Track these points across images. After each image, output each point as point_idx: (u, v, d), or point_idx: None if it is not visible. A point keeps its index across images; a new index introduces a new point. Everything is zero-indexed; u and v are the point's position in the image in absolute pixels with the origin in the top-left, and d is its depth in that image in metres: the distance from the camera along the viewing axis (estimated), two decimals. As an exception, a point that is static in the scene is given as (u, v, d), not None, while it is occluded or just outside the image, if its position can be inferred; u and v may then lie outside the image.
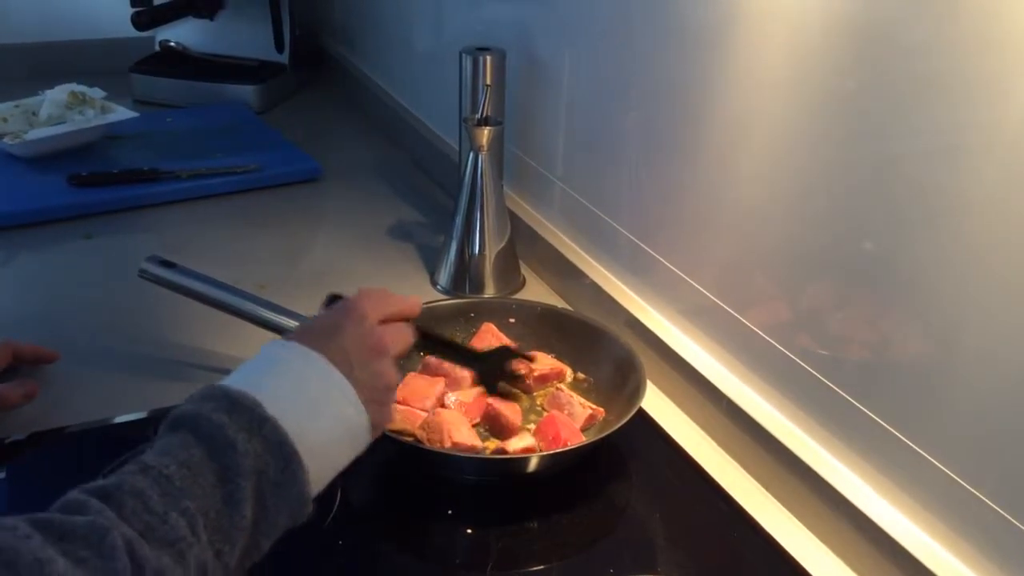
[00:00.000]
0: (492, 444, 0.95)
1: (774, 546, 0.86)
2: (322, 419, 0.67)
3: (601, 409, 0.99)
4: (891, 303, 0.79)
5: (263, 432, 0.62)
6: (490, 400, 0.98)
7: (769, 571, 0.85)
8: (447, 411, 0.96)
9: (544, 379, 1.03)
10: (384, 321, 0.77)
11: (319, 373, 0.69)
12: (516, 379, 0.96)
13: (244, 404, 0.63)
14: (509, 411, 0.97)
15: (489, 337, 1.06)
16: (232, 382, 0.66)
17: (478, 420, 0.98)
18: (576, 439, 0.93)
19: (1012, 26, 0.65)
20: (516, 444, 0.92)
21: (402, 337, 0.79)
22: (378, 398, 0.72)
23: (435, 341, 0.86)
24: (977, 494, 0.73)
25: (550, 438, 0.93)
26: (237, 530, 0.59)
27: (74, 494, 0.56)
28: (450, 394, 0.99)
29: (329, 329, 0.72)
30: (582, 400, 0.99)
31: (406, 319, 0.81)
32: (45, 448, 0.95)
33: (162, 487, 0.57)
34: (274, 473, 0.62)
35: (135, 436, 0.95)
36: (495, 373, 0.95)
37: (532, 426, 0.99)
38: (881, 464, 0.82)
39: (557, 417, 0.95)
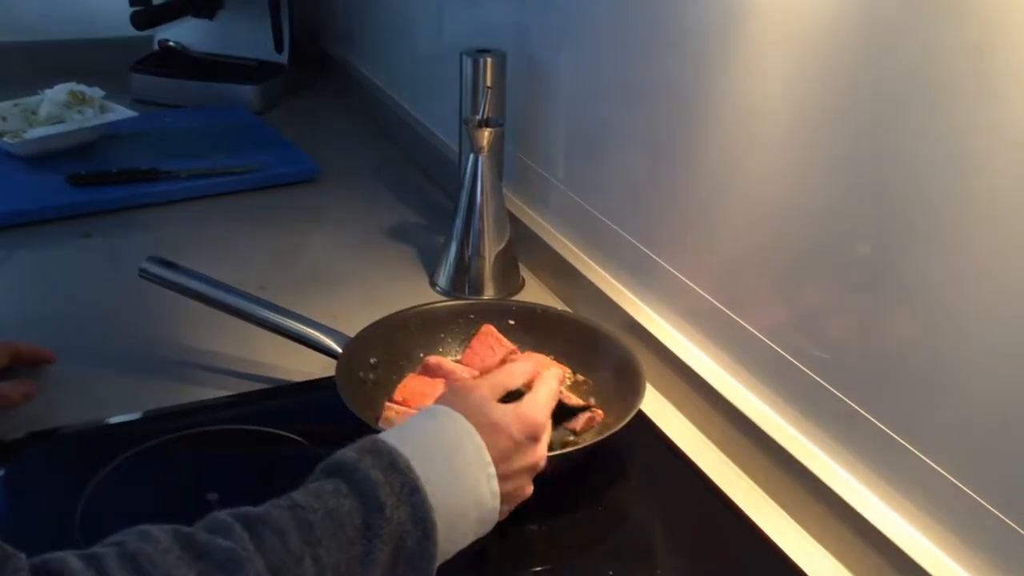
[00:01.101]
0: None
1: (773, 548, 0.86)
2: (464, 499, 0.68)
3: (600, 410, 0.99)
4: (890, 306, 0.79)
5: (412, 501, 0.63)
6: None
7: (767, 572, 0.85)
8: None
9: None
10: None
11: (475, 454, 0.70)
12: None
13: (399, 466, 0.64)
14: None
15: (488, 339, 1.06)
16: (393, 439, 0.67)
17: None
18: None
19: (1013, 29, 0.65)
20: None
21: (549, 438, 0.80)
22: (511, 506, 0.76)
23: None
24: (976, 497, 0.73)
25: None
26: None
27: (223, 515, 0.58)
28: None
29: (502, 430, 0.73)
30: (581, 401, 0.99)
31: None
32: (44, 448, 0.95)
33: (303, 531, 0.58)
34: (411, 544, 0.63)
35: (133, 436, 0.96)
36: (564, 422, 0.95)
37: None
38: (879, 467, 0.82)
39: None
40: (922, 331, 0.77)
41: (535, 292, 1.31)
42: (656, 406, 1.06)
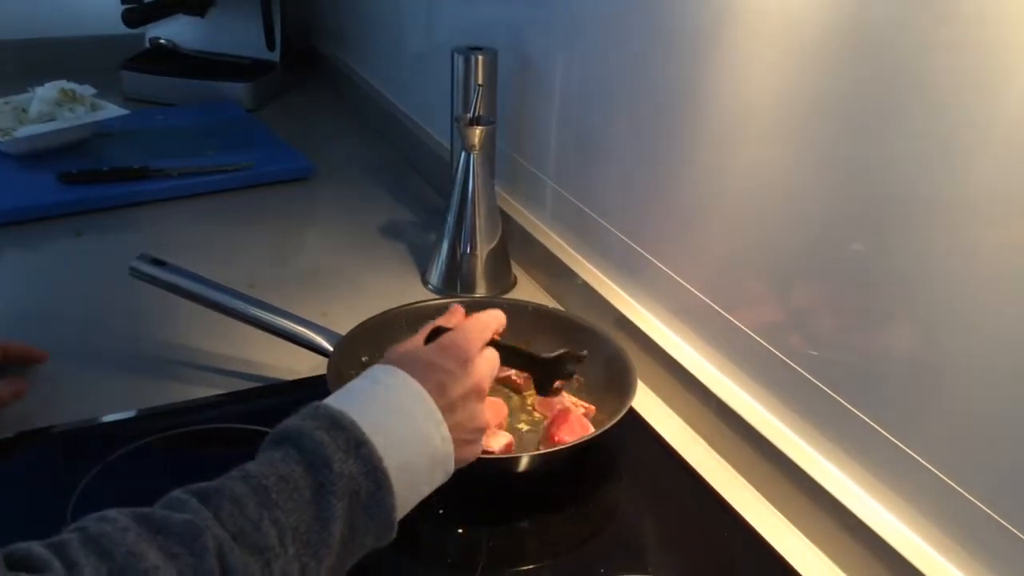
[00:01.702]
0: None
1: (764, 545, 0.86)
2: (413, 447, 0.69)
3: (592, 407, 0.99)
4: (881, 304, 0.80)
5: (359, 454, 0.64)
6: None
7: (759, 570, 0.85)
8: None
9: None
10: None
11: (417, 404, 0.71)
12: (569, 377, 0.96)
13: (343, 424, 0.65)
14: (492, 410, 0.96)
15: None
16: (334, 401, 0.69)
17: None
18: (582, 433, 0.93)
19: (1004, 27, 0.65)
20: (496, 443, 0.92)
21: (493, 364, 0.80)
22: (467, 437, 0.75)
23: (504, 350, 0.87)
24: (965, 494, 0.73)
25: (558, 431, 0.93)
26: (324, 547, 0.61)
27: (177, 492, 0.59)
28: None
29: (433, 367, 0.74)
30: (574, 399, 0.99)
31: (496, 339, 0.83)
32: (36, 446, 0.95)
33: (259, 496, 0.60)
34: (365, 495, 0.64)
35: (124, 435, 0.96)
36: (552, 376, 0.93)
37: (522, 425, 1.00)
38: (870, 464, 0.82)
39: (572, 413, 0.95)
40: (912, 328, 0.77)
41: (527, 290, 1.31)
42: (647, 403, 1.06)
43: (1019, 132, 0.65)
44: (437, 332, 0.81)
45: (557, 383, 0.93)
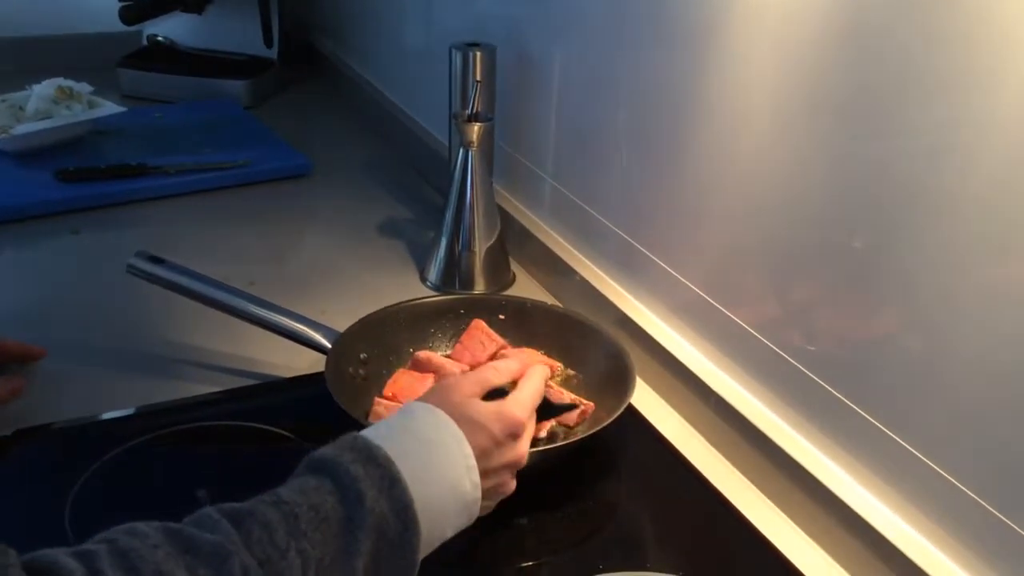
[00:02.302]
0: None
1: (762, 541, 0.86)
2: (444, 491, 0.69)
3: (591, 403, 0.99)
4: (879, 300, 0.80)
5: (392, 494, 0.64)
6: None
7: (757, 566, 0.85)
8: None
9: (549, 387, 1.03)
10: None
11: (455, 446, 0.71)
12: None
13: (379, 460, 0.65)
14: None
15: (479, 334, 1.06)
16: (373, 434, 0.69)
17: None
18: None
19: (1002, 24, 0.65)
20: None
21: (531, 436, 0.81)
22: (491, 503, 0.77)
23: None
24: (963, 488, 0.73)
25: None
26: None
27: (209, 510, 0.59)
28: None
29: (484, 429, 0.74)
30: (572, 396, 0.99)
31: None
32: (34, 444, 0.95)
33: (289, 525, 0.59)
34: (393, 535, 0.64)
35: (122, 432, 0.96)
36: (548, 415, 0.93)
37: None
38: (868, 460, 0.82)
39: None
40: (910, 325, 0.77)
41: (525, 287, 1.30)
42: (646, 400, 1.06)
43: (1018, 127, 0.65)
44: (499, 393, 0.81)
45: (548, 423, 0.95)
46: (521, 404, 0.79)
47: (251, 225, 1.47)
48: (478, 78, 1.25)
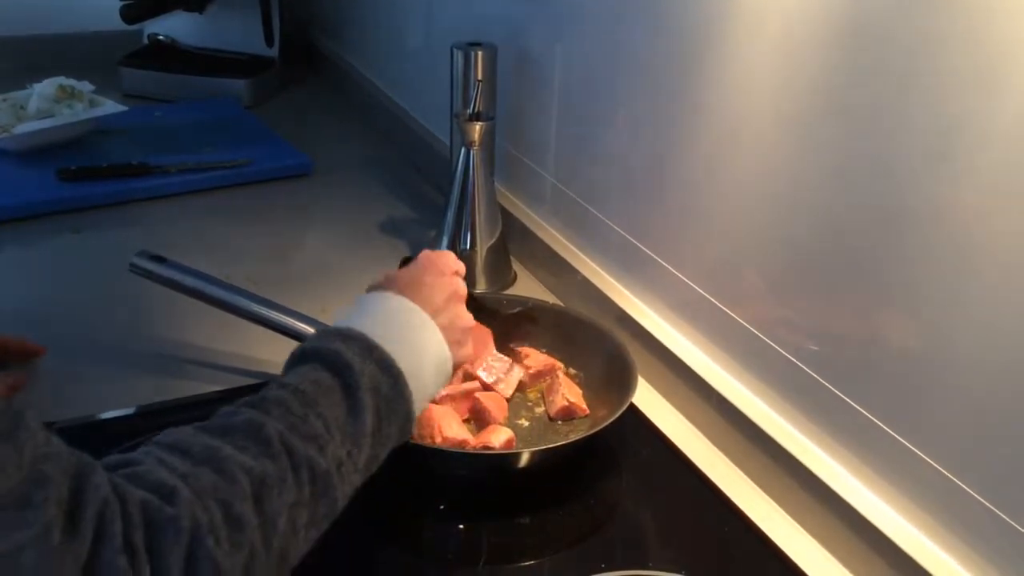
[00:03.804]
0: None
1: (764, 540, 0.86)
2: (415, 351, 0.75)
3: (585, 408, 0.99)
4: (879, 299, 0.80)
5: (374, 356, 0.71)
6: (477, 395, 0.98)
7: (759, 565, 0.85)
8: (437, 406, 0.96)
9: (539, 376, 1.03)
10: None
11: (410, 316, 0.78)
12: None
13: (354, 336, 0.72)
14: (494, 405, 0.97)
15: (480, 332, 1.06)
16: (336, 323, 0.75)
17: (467, 415, 0.98)
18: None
19: (1003, 24, 0.65)
20: (497, 439, 0.92)
21: (463, 283, 0.86)
22: (457, 338, 0.81)
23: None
24: (963, 486, 0.73)
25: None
26: (362, 436, 0.68)
27: (227, 408, 0.65)
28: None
29: (413, 282, 0.81)
30: (566, 392, 0.99)
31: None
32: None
33: (299, 398, 0.66)
34: (386, 389, 0.70)
35: (123, 432, 0.95)
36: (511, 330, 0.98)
37: (523, 421, 1.00)
38: (870, 458, 0.82)
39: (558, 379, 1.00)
40: (910, 323, 0.77)
41: (527, 286, 1.30)
42: (647, 399, 1.06)
43: (1014, 127, 0.65)
44: (406, 260, 0.88)
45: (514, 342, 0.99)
46: (431, 254, 0.87)
47: (252, 224, 1.47)
48: (479, 78, 1.25)
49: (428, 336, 0.77)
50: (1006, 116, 0.66)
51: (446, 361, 0.79)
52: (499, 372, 1.02)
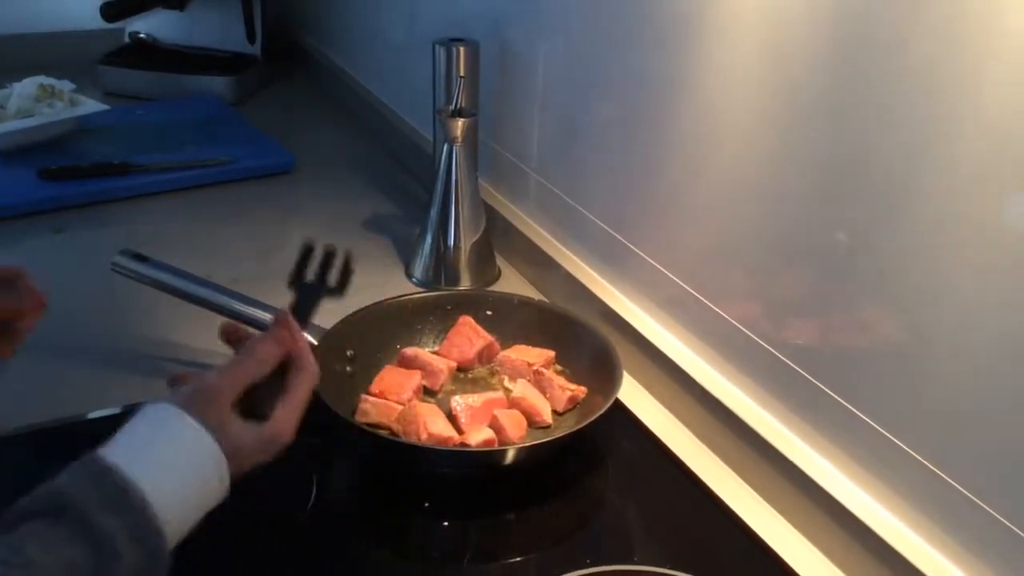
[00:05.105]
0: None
1: (749, 534, 0.86)
2: (196, 501, 0.65)
3: (583, 387, 0.99)
4: (864, 293, 0.80)
5: (148, 543, 0.59)
6: (496, 412, 0.95)
7: (744, 559, 0.85)
8: (423, 404, 0.96)
9: (540, 373, 1.03)
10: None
11: (215, 480, 0.66)
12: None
13: (132, 504, 0.60)
14: (511, 423, 0.95)
15: (466, 330, 1.06)
16: (126, 457, 0.62)
17: (487, 424, 0.95)
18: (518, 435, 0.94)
19: (985, 20, 0.66)
20: (475, 437, 0.92)
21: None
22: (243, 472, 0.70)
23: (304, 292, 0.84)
24: (948, 479, 0.74)
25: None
26: None
27: None
28: (457, 398, 0.97)
29: (245, 454, 0.69)
30: (562, 383, 0.99)
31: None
32: (21, 444, 0.94)
33: None
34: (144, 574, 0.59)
35: (110, 432, 0.95)
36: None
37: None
38: (855, 451, 0.83)
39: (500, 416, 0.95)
40: (895, 317, 0.77)
41: (511, 282, 1.31)
42: (631, 393, 1.06)
43: (996, 121, 0.66)
44: (254, 392, 0.73)
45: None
46: (288, 423, 0.73)
47: (235, 222, 1.46)
48: (462, 74, 1.25)
49: (216, 485, 0.66)
50: (988, 112, 0.67)
51: (217, 497, 0.67)
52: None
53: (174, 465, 0.64)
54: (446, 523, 0.89)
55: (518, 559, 0.86)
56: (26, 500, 0.59)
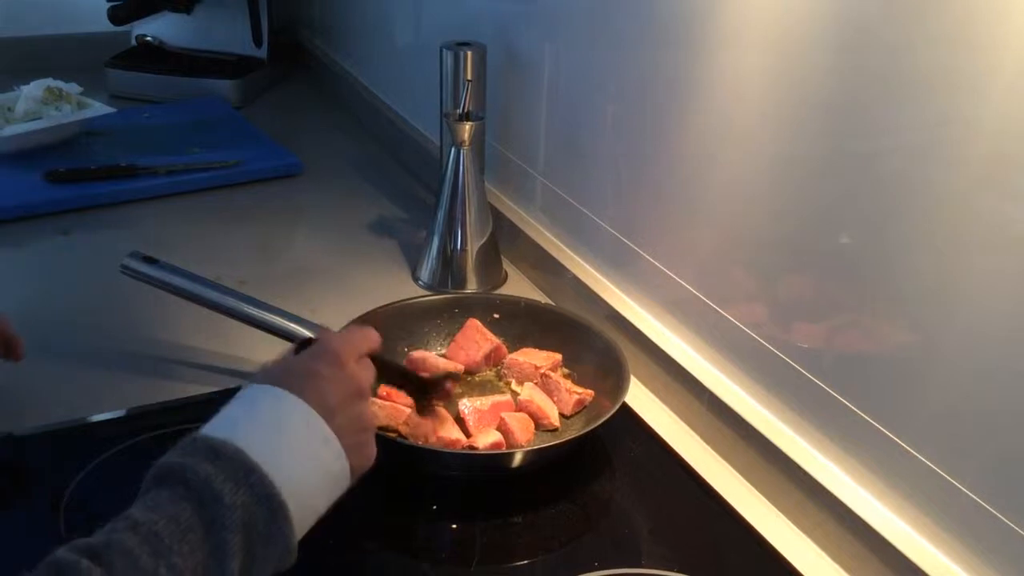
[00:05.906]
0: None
1: (756, 538, 0.86)
2: (305, 467, 0.66)
3: (590, 391, 0.99)
4: (870, 296, 0.80)
5: (250, 482, 0.61)
6: (504, 415, 0.95)
7: (751, 563, 0.85)
8: (432, 407, 0.96)
9: (547, 376, 1.03)
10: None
11: (302, 420, 0.68)
12: (447, 396, 0.92)
13: (227, 453, 0.62)
14: (519, 427, 0.95)
15: (474, 333, 1.06)
16: (213, 430, 0.65)
17: (494, 427, 0.95)
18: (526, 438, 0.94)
19: (990, 24, 0.66)
20: (483, 440, 0.92)
21: (371, 369, 0.78)
22: (358, 440, 0.71)
23: (384, 366, 0.85)
24: (955, 483, 0.74)
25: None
26: None
27: (63, 553, 0.55)
28: (465, 401, 0.97)
29: (308, 374, 0.71)
30: (570, 386, 0.99)
31: (371, 353, 0.80)
32: (24, 447, 0.94)
33: (152, 545, 0.56)
34: (262, 526, 0.61)
35: (115, 434, 0.95)
36: (431, 395, 0.90)
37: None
38: (861, 455, 0.83)
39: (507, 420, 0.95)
40: (901, 320, 0.77)
41: (518, 285, 1.31)
42: (639, 397, 1.06)
43: (1004, 125, 0.66)
44: (306, 343, 0.77)
45: (435, 401, 0.91)
46: (327, 337, 0.77)
47: (242, 225, 1.47)
48: (469, 77, 1.25)
49: (321, 449, 0.67)
50: (992, 114, 0.67)
51: (343, 476, 0.69)
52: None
53: (254, 417, 0.66)
54: (454, 525, 0.89)
55: (525, 562, 0.86)
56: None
